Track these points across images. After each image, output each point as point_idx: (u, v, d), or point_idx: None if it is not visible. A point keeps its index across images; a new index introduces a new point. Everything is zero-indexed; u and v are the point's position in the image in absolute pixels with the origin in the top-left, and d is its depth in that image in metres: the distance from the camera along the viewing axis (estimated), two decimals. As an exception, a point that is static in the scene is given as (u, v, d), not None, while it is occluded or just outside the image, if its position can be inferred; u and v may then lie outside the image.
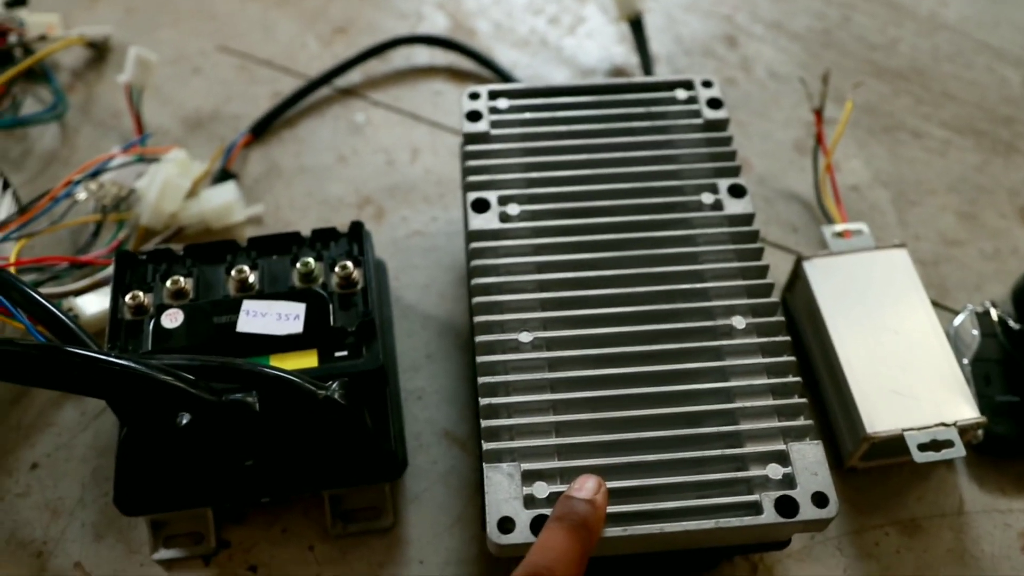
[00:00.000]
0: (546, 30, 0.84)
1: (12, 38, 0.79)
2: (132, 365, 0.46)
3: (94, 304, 0.63)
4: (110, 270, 0.67)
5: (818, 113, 0.70)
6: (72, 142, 0.77)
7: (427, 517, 0.57)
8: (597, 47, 0.83)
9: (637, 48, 0.79)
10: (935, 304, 0.60)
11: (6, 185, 0.67)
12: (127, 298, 0.56)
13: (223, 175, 0.72)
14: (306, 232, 0.60)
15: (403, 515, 0.57)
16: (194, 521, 0.56)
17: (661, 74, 0.80)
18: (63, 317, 0.50)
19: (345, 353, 0.54)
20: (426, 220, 0.71)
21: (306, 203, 0.72)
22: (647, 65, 0.78)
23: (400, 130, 0.77)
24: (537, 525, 0.45)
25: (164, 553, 0.56)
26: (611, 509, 0.46)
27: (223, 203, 0.69)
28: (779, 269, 0.66)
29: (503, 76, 0.79)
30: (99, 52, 0.83)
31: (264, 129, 0.76)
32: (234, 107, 0.79)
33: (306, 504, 0.57)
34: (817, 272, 0.61)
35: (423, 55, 0.82)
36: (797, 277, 0.63)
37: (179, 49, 0.83)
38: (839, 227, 0.65)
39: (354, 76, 0.81)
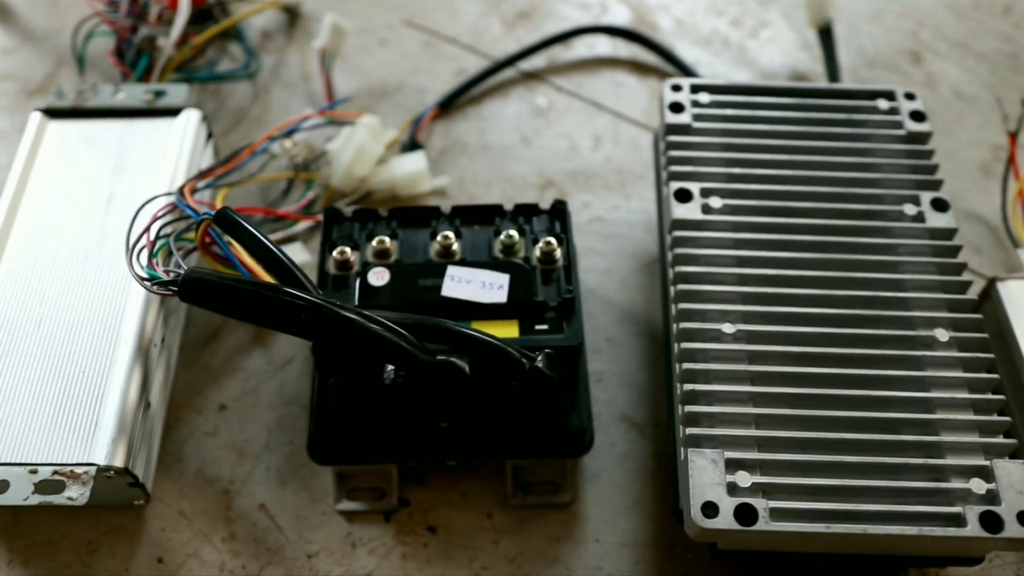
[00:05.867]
0: (728, 31, 0.84)
1: (211, -2, 0.82)
2: (356, 317, 0.48)
3: (286, 257, 0.65)
4: (301, 226, 0.70)
5: (1013, 136, 0.69)
6: (263, 101, 0.79)
7: (604, 497, 0.58)
8: (779, 52, 0.83)
9: (825, 56, 0.78)
10: None
11: (209, 135, 0.70)
12: (334, 253, 0.58)
13: (411, 145, 0.74)
14: (500, 207, 0.61)
15: (580, 493, 0.58)
16: (378, 477, 0.57)
17: (845, 85, 0.80)
18: (288, 262, 0.51)
19: (546, 327, 0.55)
20: (607, 207, 0.72)
21: (489, 179, 0.73)
22: (834, 74, 0.77)
23: (582, 117, 0.78)
24: (742, 513, 0.45)
25: (347, 505, 0.57)
26: (812, 505, 0.46)
27: (413, 171, 0.70)
28: (963, 288, 0.65)
29: (687, 72, 0.79)
30: (292, 17, 0.85)
31: (450, 104, 0.78)
32: (419, 80, 0.80)
33: (485, 472, 0.58)
34: (1011, 294, 0.60)
35: (605, 45, 0.83)
36: (987, 297, 0.62)
37: (367, 21, 0.85)
38: (1036, 252, 0.64)
39: (538, 61, 0.82)
